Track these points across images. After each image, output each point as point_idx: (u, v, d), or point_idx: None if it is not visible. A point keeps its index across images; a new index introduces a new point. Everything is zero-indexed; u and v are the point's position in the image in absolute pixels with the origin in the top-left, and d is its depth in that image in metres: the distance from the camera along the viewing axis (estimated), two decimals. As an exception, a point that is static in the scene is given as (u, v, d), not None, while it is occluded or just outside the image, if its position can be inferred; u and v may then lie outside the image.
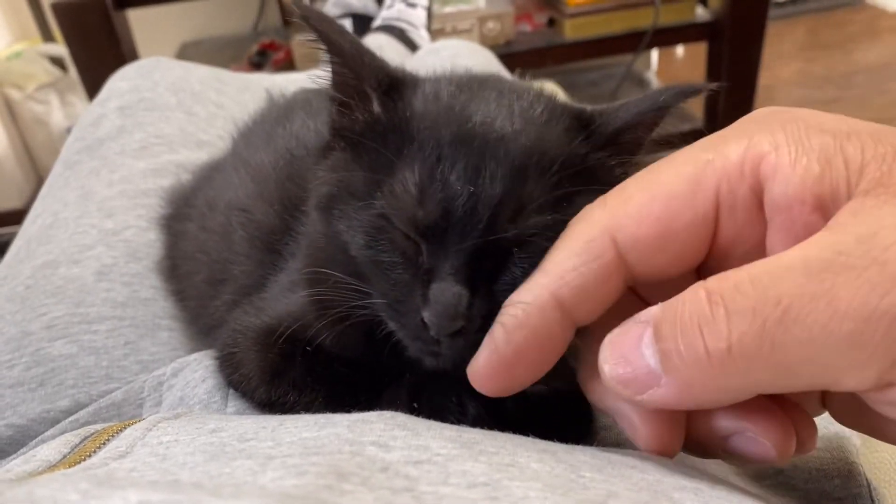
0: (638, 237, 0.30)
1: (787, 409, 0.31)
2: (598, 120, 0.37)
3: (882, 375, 0.24)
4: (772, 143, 0.28)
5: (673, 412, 0.31)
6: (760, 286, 0.25)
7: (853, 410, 0.31)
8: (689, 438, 0.32)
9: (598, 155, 0.36)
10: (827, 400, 0.33)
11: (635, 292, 0.35)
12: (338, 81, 0.39)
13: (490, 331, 0.32)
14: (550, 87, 0.43)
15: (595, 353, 0.31)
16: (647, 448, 0.32)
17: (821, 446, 0.41)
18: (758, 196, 0.29)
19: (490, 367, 0.32)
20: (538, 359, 0.32)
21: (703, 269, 0.32)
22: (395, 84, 0.38)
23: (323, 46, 0.37)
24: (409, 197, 0.34)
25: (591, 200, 0.33)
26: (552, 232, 0.33)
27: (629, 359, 0.29)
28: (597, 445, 0.36)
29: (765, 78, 1.88)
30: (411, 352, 0.37)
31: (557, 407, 0.38)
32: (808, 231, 0.27)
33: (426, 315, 0.33)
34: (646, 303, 0.34)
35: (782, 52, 2.60)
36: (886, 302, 0.23)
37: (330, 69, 0.39)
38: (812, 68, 2.53)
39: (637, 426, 0.32)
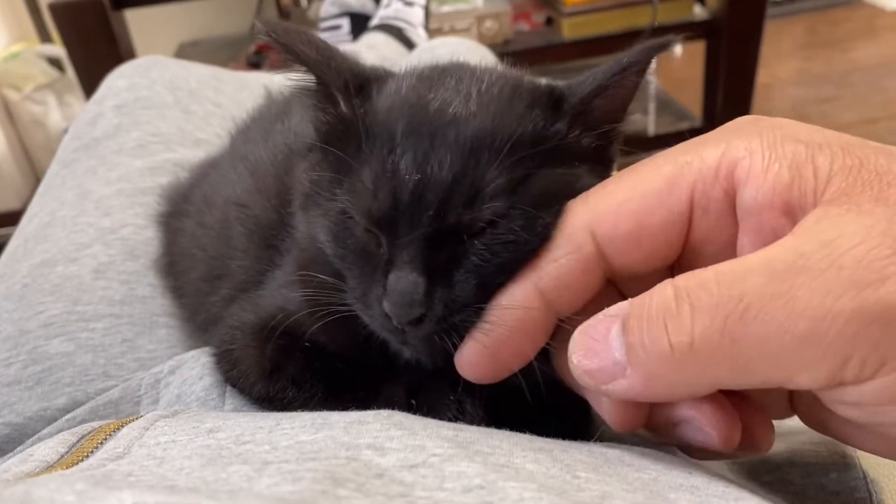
0: (615, 231, 0.32)
1: (747, 410, 0.33)
2: (567, 92, 0.36)
3: (833, 374, 0.25)
4: (747, 149, 0.30)
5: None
6: (725, 284, 0.27)
7: (818, 413, 0.32)
8: (647, 421, 0.34)
9: (564, 128, 0.35)
10: (794, 402, 0.34)
11: (617, 289, 0.36)
12: (313, 88, 0.39)
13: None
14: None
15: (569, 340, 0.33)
16: (611, 424, 0.34)
17: (817, 440, 0.41)
18: (730, 198, 0.30)
19: (475, 355, 0.34)
20: (522, 347, 0.34)
21: (677, 267, 0.33)
22: (363, 84, 0.38)
23: (290, 57, 0.38)
24: (365, 190, 0.34)
25: (553, 184, 0.34)
26: (513, 222, 0.33)
27: (597, 350, 0.30)
28: (597, 439, 0.36)
29: (763, 76, 1.88)
30: (391, 344, 0.37)
31: (555, 403, 0.38)
32: (776, 234, 0.28)
33: (385, 304, 0.34)
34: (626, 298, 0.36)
35: (780, 50, 2.61)
36: (840, 304, 0.25)
37: (304, 76, 0.39)
38: (810, 66, 2.54)
39: (604, 407, 0.33)
